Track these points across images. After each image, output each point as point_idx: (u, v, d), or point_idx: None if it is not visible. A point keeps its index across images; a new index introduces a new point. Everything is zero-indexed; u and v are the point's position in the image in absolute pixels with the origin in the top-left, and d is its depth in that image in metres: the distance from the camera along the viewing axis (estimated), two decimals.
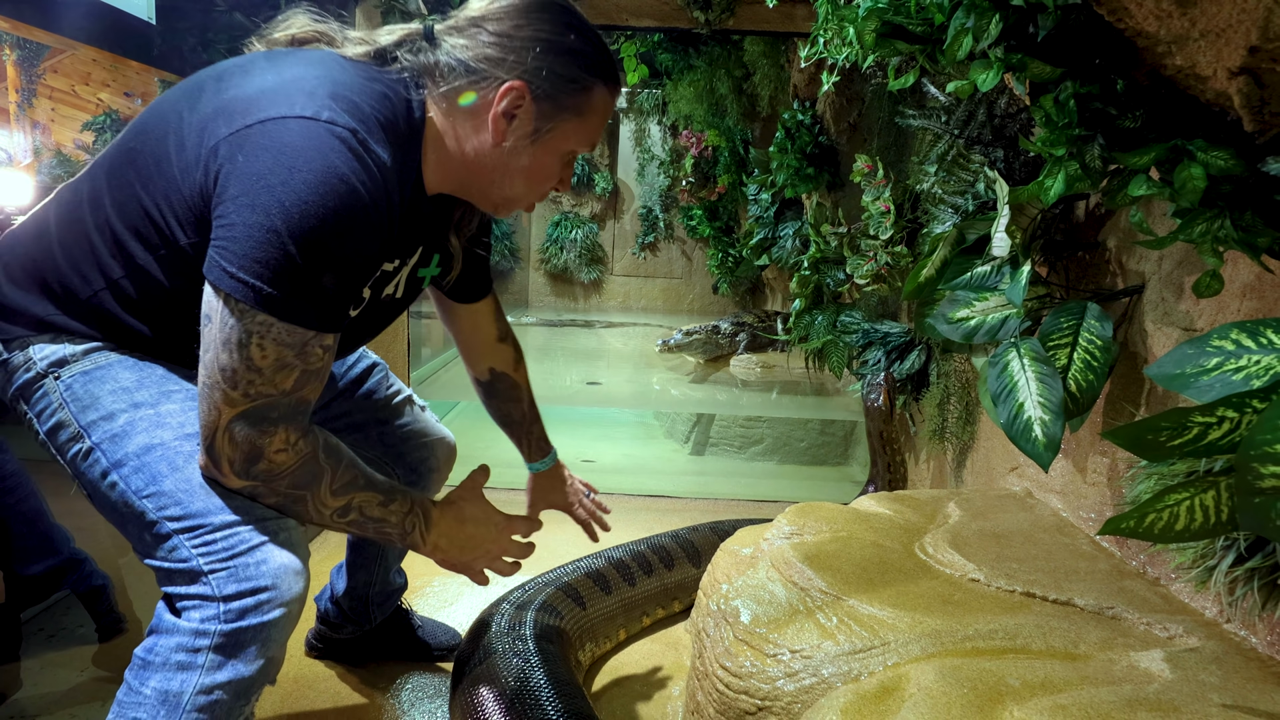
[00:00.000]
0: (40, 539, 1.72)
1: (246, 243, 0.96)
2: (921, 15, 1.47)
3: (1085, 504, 1.62)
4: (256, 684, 1.06)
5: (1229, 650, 1.14)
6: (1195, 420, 0.90)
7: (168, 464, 1.07)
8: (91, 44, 2.57)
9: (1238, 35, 1.02)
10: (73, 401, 1.10)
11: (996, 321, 1.49)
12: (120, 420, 1.09)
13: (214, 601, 1.02)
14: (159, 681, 1.02)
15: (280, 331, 0.99)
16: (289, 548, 1.07)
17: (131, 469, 1.07)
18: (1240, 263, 1.24)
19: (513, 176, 1.19)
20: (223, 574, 1.03)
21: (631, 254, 7.65)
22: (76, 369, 1.11)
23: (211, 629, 1.02)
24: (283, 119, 0.99)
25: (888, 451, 2.33)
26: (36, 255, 1.13)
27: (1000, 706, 0.99)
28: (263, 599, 1.03)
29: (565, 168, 1.23)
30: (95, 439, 1.09)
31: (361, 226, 1.01)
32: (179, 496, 1.05)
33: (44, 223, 1.16)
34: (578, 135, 1.19)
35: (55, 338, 1.12)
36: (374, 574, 1.73)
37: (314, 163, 0.97)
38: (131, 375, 1.12)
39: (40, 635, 1.87)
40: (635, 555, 2.02)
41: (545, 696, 1.39)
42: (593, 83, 1.17)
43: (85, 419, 1.10)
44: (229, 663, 1.02)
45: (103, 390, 1.10)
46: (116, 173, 1.10)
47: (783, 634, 1.20)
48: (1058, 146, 1.27)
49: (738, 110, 5.26)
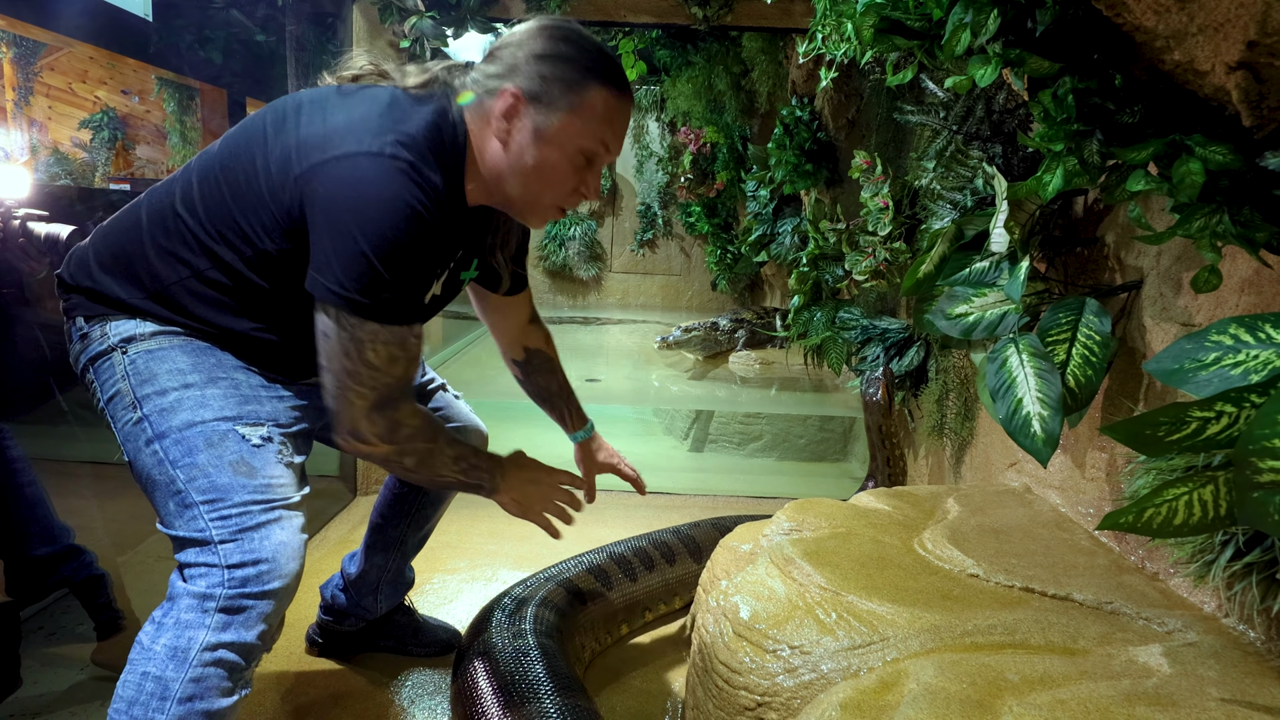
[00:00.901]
0: (42, 525, 1.75)
1: (341, 265, 1.15)
2: (920, 10, 1.47)
3: (1084, 499, 1.62)
4: (256, 648, 1.19)
5: (1227, 645, 1.14)
6: (1194, 415, 0.90)
7: (204, 440, 1.22)
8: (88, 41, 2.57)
9: (1236, 30, 1.02)
10: (134, 375, 1.25)
11: (995, 317, 1.49)
12: (171, 396, 1.24)
13: (220, 569, 1.16)
14: (168, 639, 1.14)
15: (385, 334, 1.19)
16: (291, 531, 1.23)
17: (172, 440, 1.22)
18: (1238, 258, 1.24)
19: (526, 179, 1.30)
20: (231, 545, 1.17)
21: (630, 251, 7.65)
22: (142, 347, 1.26)
23: (218, 593, 1.15)
24: (353, 155, 1.17)
25: (887, 446, 2.33)
26: (126, 246, 1.29)
27: (999, 701, 1.00)
28: (263, 569, 1.17)
29: (585, 172, 1.32)
30: (146, 410, 1.23)
31: (426, 241, 1.19)
32: (209, 470, 1.20)
33: (135, 218, 1.31)
34: (580, 133, 1.28)
35: (132, 317, 1.27)
36: (390, 559, 1.75)
37: (384, 193, 1.15)
38: (188, 360, 1.27)
39: (40, 634, 1.87)
40: (637, 551, 2.02)
41: (546, 691, 1.39)
42: (586, 81, 1.27)
43: (141, 391, 1.24)
44: (232, 624, 1.15)
45: (161, 368, 1.25)
46: (209, 182, 1.26)
47: (782, 630, 1.20)
48: (1056, 142, 1.27)
49: (736, 107, 5.25)
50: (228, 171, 1.25)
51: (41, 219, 1.76)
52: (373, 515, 1.76)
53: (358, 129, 1.20)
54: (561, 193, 1.33)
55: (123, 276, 1.29)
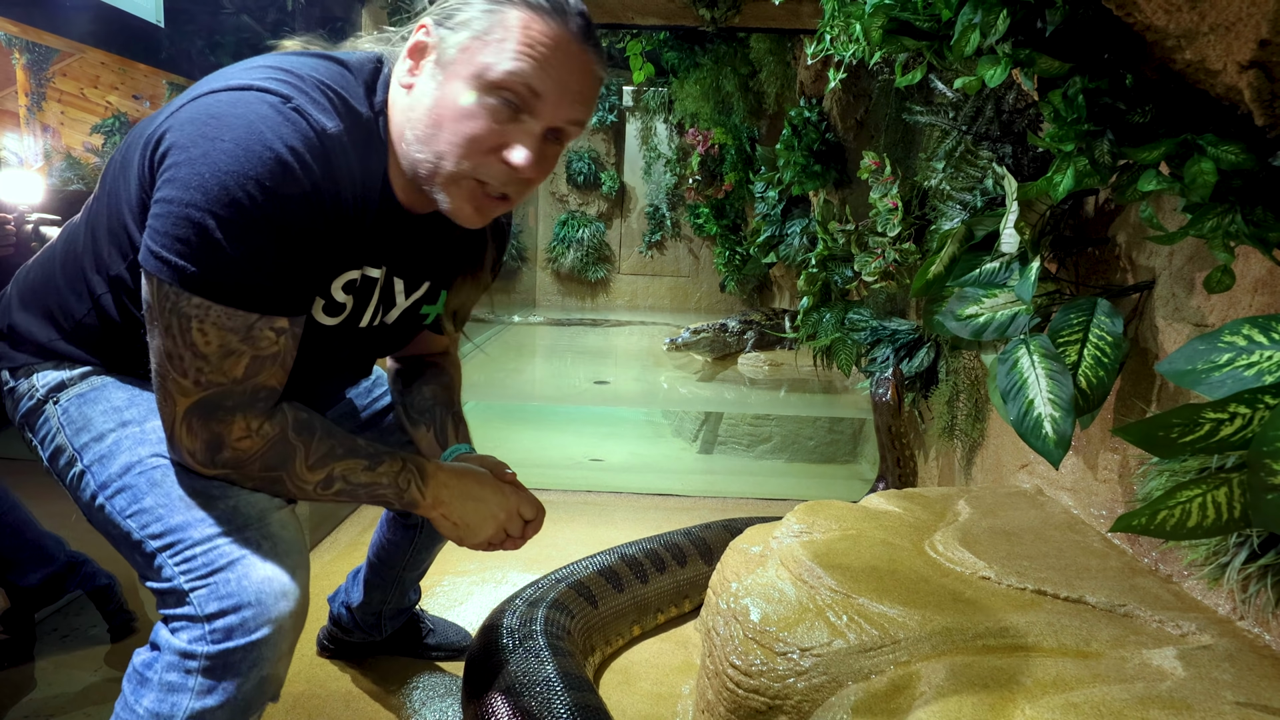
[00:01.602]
0: (32, 549, 1.70)
1: (167, 220, 0.92)
2: (928, 11, 1.46)
3: (1096, 501, 1.61)
4: (254, 704, 1.01)
5: (1242, 648, 1.13)
6: (1207, 416, 0.89)
7: (147, 480, 1.04)
8: (100, 47, 2.59)
9: (1248, 29, 1.01)
10: (68, 425, 1.09)
11: (1006, 318, 1.49)
12: (108, 441, 1.07)
13: (198, 622, 0.97)
14: (151, 702, 0.99)
15: (219, 315, 0.95)
16: (274, 558, 1.01)
17: (115, 489, 1.05)
18: (1251, 257, 1.23)
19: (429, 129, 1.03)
20: (203, 591, 0.98)
21: (638, 252, 7.65)
22: (73, 392, 1.11)
23: (198, 650, 0.97)
24: (213, 92, 0.96)
25: (897, 447, 2.33)
26: (40, 283, 1.15)
27: (1012, 705, 0.99)
28: (246, 616, 0.97)
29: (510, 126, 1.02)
30: (86, 461, 1.08)
31: (293, 198, 0.94)
32: (159, 512, 1.02)
33: (50, 252, 1.17)
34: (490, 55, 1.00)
35: (57, 365, 1.12)
36: (389, 594, 1.72)
37: (237, 131, 0.92)
38: (123, 395, 1.11)
39: (53, 636, 1.88)
40: (648, 552, 2.02)
41: (556, 691, 1.39)
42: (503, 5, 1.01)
43: (78, 441, 1.08)
44: (219, 685, 0.97)
45: (95, 411, 1.09)
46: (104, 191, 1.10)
47: (793, 632, 1.20)
48: (1066, 142, 1.26)
49: (744, 108, 5.26)
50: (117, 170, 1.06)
51: (54, 223, 1.78)
52: (369, 552, 1.70)
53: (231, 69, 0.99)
54: (477, 151, 1.02)
55: (39, 314, 1.13)
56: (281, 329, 1.00)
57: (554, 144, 1.09)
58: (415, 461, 1.14)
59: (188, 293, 0.94)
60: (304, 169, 0.95)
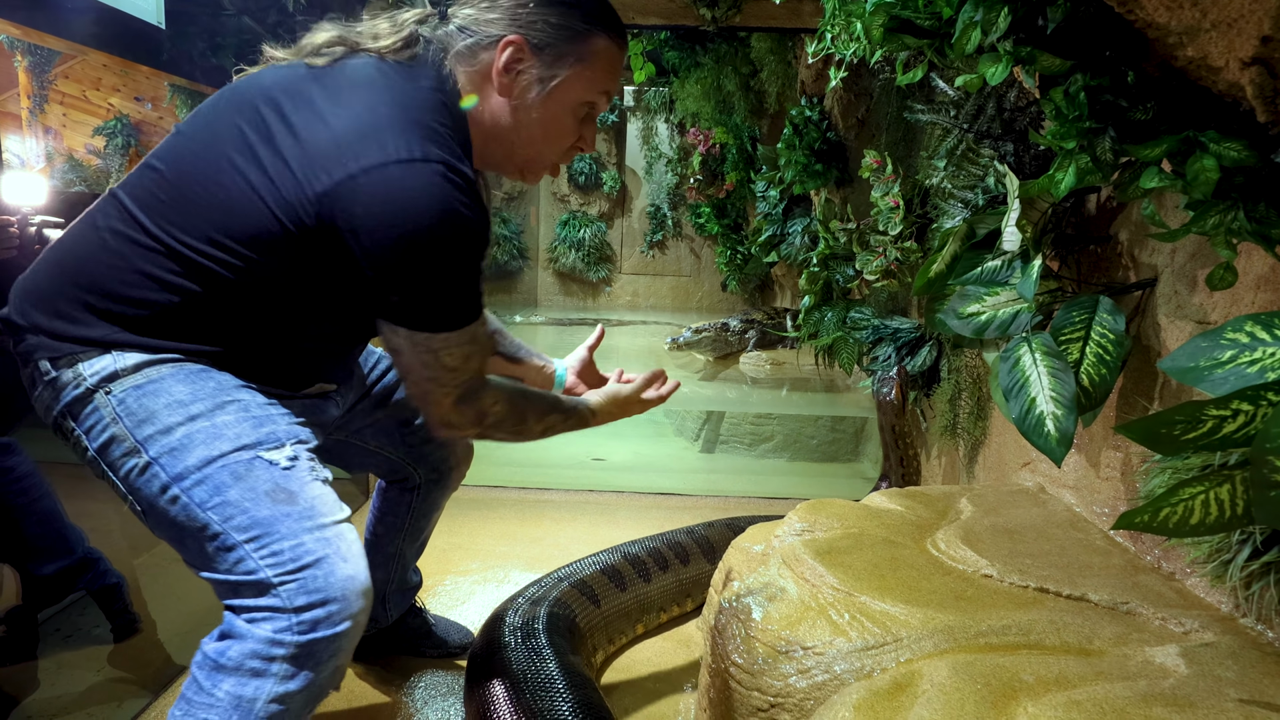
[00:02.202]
0: (55, 539, 1.74)
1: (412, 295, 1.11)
2: (929, 9, 1.46)
3: (1099, 499, 1.61)
4: (324, 691, 1.10)
5: (1245, 645, 1.13)
6: (1209, 414, 0.89)
7: (230, 474, 1.09)
8: (101, 49, 2.59)
9: (1250, 25, 1.01)
10: (127, 416, 1.11)
11: (1008, 316, 1.49)
12: (178, 434, 1.10)
13: (286, 613, 1.05)
14: (232, 686, 1.04)
15: (457, 338, 1.17)
16: (352, 559, 1.10)
17: (193, 481, 1.09)
18: (1254, 254, 1.23)
19: (530, 134, 1.24)
20: (292, 586, 1.05)
21: (640, 252, 7.65)
22: (129, 383, 1.12)
23: (286, 639, 1.04)
24: (383, 166, 1.07)
25: (900, 446, 2.32)
26: (89, 269, 1.15)
27: (1014, 702, 0.99)
28: (332, 610, 1.06)
29: (584, 124, 1.27)
30: (153, 453, 1.10)
31: (478, 241, 1.14)
32: (245, 505, 1.08)
33: (94, 236, 1.16)
34: (586, 84, 1.23)
35: (106, 351, 1.13)
36: (391, 572, 1.74)
37: (432, 204, 1.08)
38: (185, 388, 1.13)
39: (56, 636, 1.88)
40: (651, 551, 2.02)
41: (558, 689, 1.39)
42: (591, 29, 1.21)
43: (141, 433, 1.10)
44: (301, 672, 1.05)
45: (157, 404, 1.11)
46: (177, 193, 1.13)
47: (795, 631, 1.20)
48: (1068, 140, 1.26)
49: (745, 107, 5.25)
50: (203, 177, 1.12)
51: (57, 226, 1.78)
52: (366, 532, 1.72)
53: (374, 131, 1.09)
54: (563, 148, 1.28)
55: (88, 304, 1.14)
56: (484, 321, 1.22)
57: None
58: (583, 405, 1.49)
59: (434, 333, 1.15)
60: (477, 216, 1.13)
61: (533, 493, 3.05)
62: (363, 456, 1.63)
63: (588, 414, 1.48)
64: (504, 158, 1.28)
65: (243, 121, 1.13)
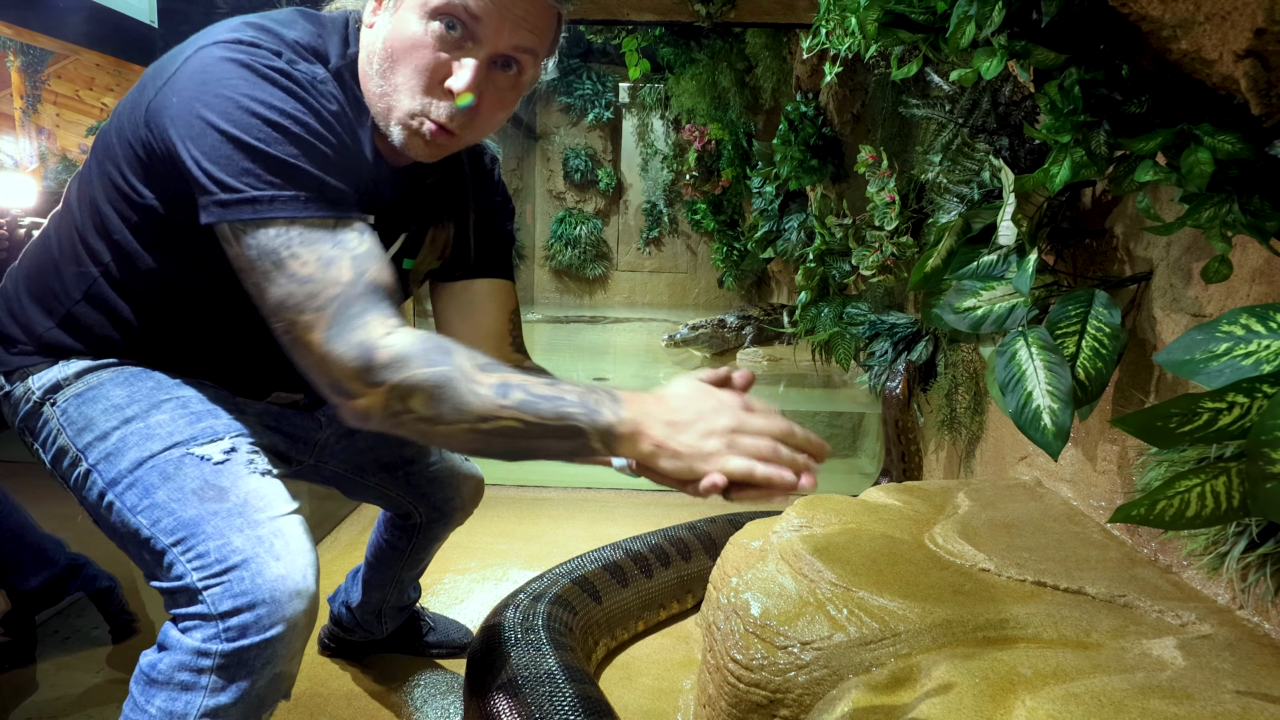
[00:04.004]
0: (33, 551, 1.70)
1: (214, 168, 0.92)
2: (924, 3, 1.46)
3: (1095, 492, 1.61)
4: (266, 702, 1.01)
5: (1242, 637, 1.13)
6: (1205, 406, 0.89)
7: (159, 474, 1.03)
8: (94, 49, 2.58)
9: (1243, 18, 1.01)
10: (69, 426, 1.08)
11: (1004, 310, 1.49)
12: (113, 438, 1.06)
13: (212, 620, 0.96)
14: (163, 701, 0.98)
15: (300, 233, 0.93)
16: (286, 556, 0.99)
17: (125, 485, 1.04)
18: (1249, 247, 1.23)
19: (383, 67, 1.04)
20: (217, 589, 0.96)
21: (636, 249, 7.65)
22: (70, 392, 1.10)
23: (213, 649, 0.96)
24: (200, 49, 0.97)
25: (903, 442, 2.32)
26: (31, 279, 1.14)
27: (1012, 696, 0.99)
28: (261, 614, 0.96)
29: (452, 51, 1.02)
30: (91, 460, 1.07)
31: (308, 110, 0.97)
32: (170, 507, 1.01)
33: (41, 242, 1.16)
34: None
35: (53, 362, 1.12)
36: (388, 593, 1.72)
37: (240, 72, 0.95)
38: (122, 391, 1.10)
39: (55, 638, 1.88)
40: (653, 547, 2.02)
41: (558, 683, 1.39)
42: None
43: (81, 441, 1.08)
44: (233, 684, 0.97)
45: (95, 410, 1.08)
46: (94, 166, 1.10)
47: (793, 626, 1.20)
48: (1063, 133, 1.26)
49: (740, 103, 5.25)
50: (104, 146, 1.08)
51: None
52: (367, 552, 1.70)
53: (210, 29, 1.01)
54: (421, 82, 1.02)
55: (34, 301, 1.12)
56: (361, 229, 0.98)
57: (505, 74, 1.06)
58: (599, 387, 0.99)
59: (263, 226, 0.92)
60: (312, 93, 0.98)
61: (531, 490, 3.05)
62: (361, 491, 1.54)
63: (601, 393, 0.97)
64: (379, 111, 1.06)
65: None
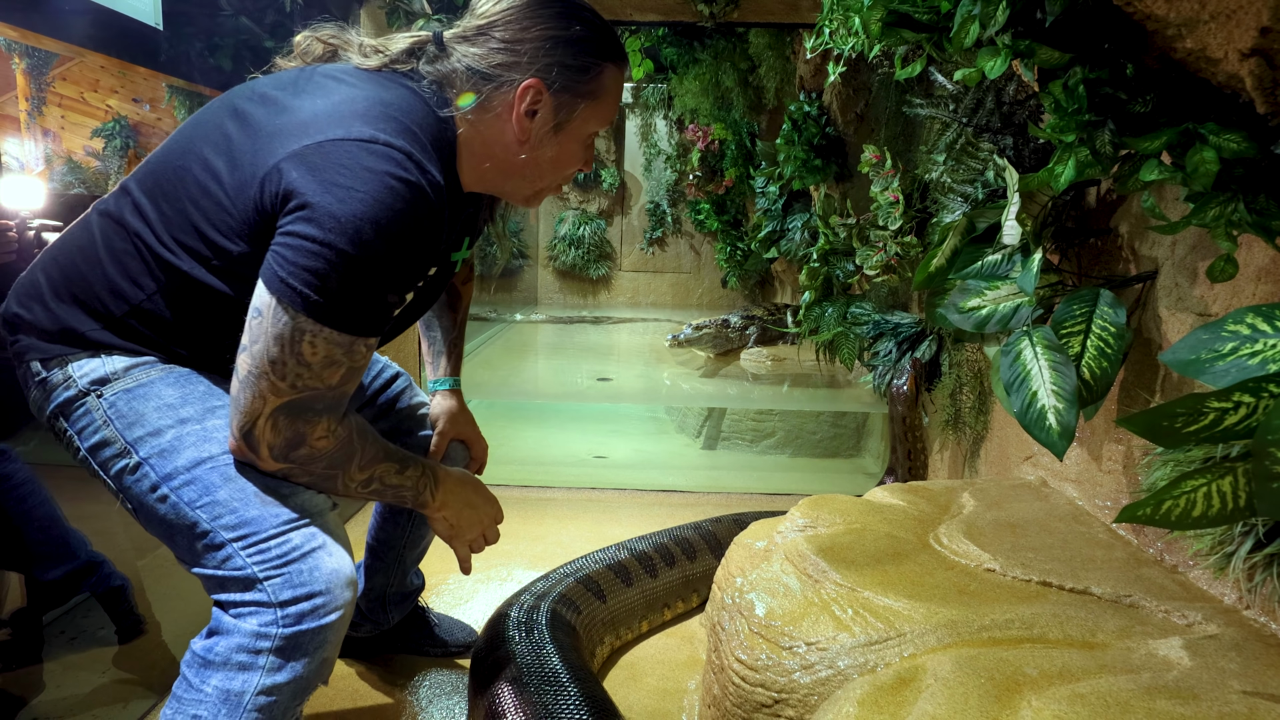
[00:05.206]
0: (56, 544, 1.73)
1: (301, 253, 1.01)
2: (928, 3, 1.46)
3: (1101, 492, 1.61)
4: (312, 684, 1.12)
5: (1248, 637, 1.13)
6: (1211, 406, 0.89)
7: (220, 475, 1.12)
8: (99, 51, 2.59)
9: (1249, 16, 1.01)
10: (117, 419, 1.14)
11: (1008, 310, 1.49)
12: (168, 436, 1.13)
13: (271, 607, 1.07)
14: (220, 680, 1.07)
15: (331, 334, 1.04)
16: (337, 552, 1.13)
17: (182, 481, 1.11)
18: (1255, 246, 1.23)
19: (541, 169, 1.25)
20: (278, 580, 1.08)
21: (639, 249, 7.65)
22: (119, 386, 1.14)
23: (272, 633, 1.07)
24: (340, 141, 1.04)
25: (909, 440, 2.31)
26: (76, 273, 1.16)
27: (1018, 696, 0.99)
28: (318, 603, 1.08)
29: (587, 149, 1.29)
30: (143, 454, 1.13)
31: (415, 244, 1.07)
32: (233, 505, 1.10)
33: (82, 240, 1.18)
34: (596, 117, 1.25)
35: (95, 354, 1.15)
36: (391, 577, 1.74)
37: (372, 184, 1.02)
38: (175, 392, 1.16)
39: (61, 638, 1.89)
40: (658, 547, 2.02)
41: (562, 683, 1.39)
42: (602, 65, 1.22)
43: (131, 435, 1.13)
44: (288, 664, 1.08)
45: (147, 407, 1.14)
46: (164, 189, 1.14)
47: (798, 626, 1.20)
48: (1067, 133, 1.26)
49: (744, 103, 5.24)
50: (184, 173, 1.12)
51: (56, 229, 1.78)
52: (368, 537, 1.74)
53: (343, 112, 1.07)
54: (567, 175, 1.28)
55: (79, 304, 1.15)
56: (371, 345, 1.11)
57: None
58: (432, 468, 1.29)
59: (308, 317, 1.02)
60: (427, 219, 1.07)
61: (534, 491, 3.05)
62: None
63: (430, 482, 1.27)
64: (514, 189, 1.28)
65: (226, 117, 1.14)
